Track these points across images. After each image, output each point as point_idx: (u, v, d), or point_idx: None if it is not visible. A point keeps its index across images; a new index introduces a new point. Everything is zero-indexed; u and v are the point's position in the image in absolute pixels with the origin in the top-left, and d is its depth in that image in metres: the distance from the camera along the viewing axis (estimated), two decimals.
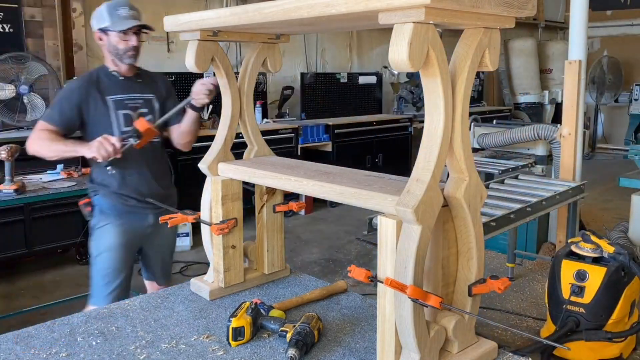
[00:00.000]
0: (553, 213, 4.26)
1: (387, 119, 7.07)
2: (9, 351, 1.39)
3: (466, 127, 1.18)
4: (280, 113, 6.52)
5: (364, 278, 1.17)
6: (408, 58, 1.00)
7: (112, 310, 1.62)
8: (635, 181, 3.73)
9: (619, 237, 3.65)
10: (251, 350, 1.39)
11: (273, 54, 1.72)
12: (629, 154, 4.33)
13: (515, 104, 9.42)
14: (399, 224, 1.13)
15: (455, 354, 1.25)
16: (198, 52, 1.55)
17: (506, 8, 1.10)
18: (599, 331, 2.61)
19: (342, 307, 1.64)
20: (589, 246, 2.71)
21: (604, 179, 7.23)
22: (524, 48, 9.28)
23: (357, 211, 4.75)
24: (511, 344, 2.93)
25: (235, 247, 1.69)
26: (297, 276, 1.87)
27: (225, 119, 1.69)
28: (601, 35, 9.94)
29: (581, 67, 4.02)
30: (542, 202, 3.01)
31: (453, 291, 1.27)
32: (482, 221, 2.56)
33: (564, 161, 4.13)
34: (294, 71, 6.86)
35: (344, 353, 1.37)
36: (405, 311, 1.12)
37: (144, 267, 2.72)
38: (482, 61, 1.16)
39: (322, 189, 1.34)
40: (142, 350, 1.39)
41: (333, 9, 1.09)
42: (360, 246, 4.81)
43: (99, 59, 5.25)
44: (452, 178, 1.20)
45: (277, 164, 1.60)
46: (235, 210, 1.67)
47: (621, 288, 2.63)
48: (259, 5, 1.27)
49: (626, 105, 9.44)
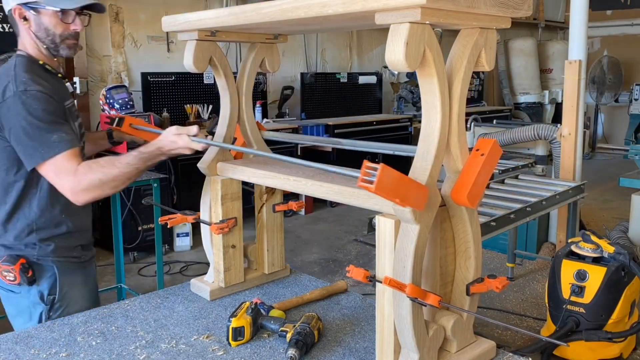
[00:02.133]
0: (553, 213, 4.26)
1: (387, 119, 7.06)
2: (9, 351, 1.39)
3: (463, 127, 1.18)
4: (280, 113, 6.52)
5: (363, 278, 1.17)
6: (404, 58, 1.01)
7: (112, 310, 1.63)
8: (635, 181, 3.73)
9: (619, 237, 3.65)
10: (251, 350, 1.39)
11: (271, 53, 1.72)
12: (629, 154, 4.33)
13: (515, 104, 9.42)
14: (397, 223, 1.14)
15: (454, 353, 1.26)
16: (196, 52, 1.56)
17: (502, 8, 1.11)
18: (599, 331, 2.61)
19: (342, 307, 1.64)
20: (589, 246, 2.71)
21: (604, 179, 7.23)
22: (524, 48, 9.28)
23: (357, 211, 4.76)
24: (511, 344, 2.93)
25: (235, 247, 1.69)
26: (297, 276, 1.87)
27: (224, 119, 1.69)
28: (601, 35, 9.95)
29: (581, 67, 4.02)
30: (542, 202, 3.01)
31: (451, 290, 1.28)
32: (482, 221, 2.59)
33: (564, 161, 4.13)
34: (294, 71, 6.86)
35: (344, 353, 1.37)
36: (404, 310, 1.12)
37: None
38: (478, 61, 1.17)
39: (321, 189, 1.34)
40: (142, 350, 1.39)
41: (330, 9, 1.10)
42: (360, 246, 4.81)
43: (99, 58, 5.27)
44: (449, 177, 1.21)
45: (277, 164, 1.60)
46: (234, 210, 1.67)
47: (621, 288, 2.63)
48: (257, 6, 1.27)
49: (626, 105, 9.44)
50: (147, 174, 3.62)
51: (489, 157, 1.13)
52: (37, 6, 1.65)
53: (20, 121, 1.55)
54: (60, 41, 1.70)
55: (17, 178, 1.65)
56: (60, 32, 1.69)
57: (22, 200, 1.67)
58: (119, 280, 3.61)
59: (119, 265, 3.61)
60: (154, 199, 3.42)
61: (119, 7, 5.28)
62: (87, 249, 1.83)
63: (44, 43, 1.70)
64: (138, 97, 5.31)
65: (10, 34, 1.77)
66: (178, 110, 5.57)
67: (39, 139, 1.55)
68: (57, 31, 1.68)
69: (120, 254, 3.61)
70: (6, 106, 1.56)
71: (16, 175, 1.65)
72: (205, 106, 5.67)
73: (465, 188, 1.13)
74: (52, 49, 1.71)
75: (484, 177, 1.15)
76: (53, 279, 1.71)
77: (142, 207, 4.44)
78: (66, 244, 1.74)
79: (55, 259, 1.71)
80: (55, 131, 1.57)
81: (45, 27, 1.68)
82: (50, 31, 1.68)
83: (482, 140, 1.15)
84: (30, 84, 1.59)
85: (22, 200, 1.67)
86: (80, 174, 1.55)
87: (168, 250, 4.79)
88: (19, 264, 1.65)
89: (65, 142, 1.57)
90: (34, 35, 1.69)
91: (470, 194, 1.13)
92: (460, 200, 1.15)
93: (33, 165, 1.58)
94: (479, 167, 1.12)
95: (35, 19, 1.67)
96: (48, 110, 1.58)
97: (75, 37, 1.73)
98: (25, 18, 1.68)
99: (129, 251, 4.49)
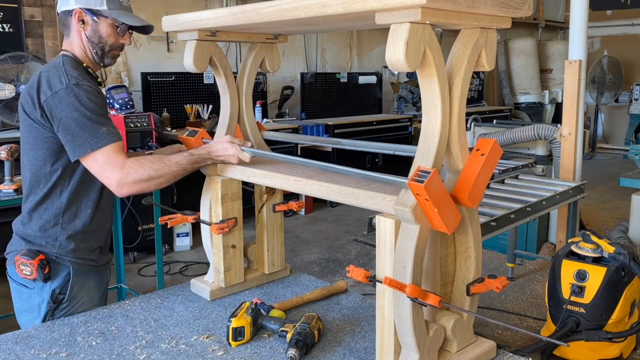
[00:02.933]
0: (553, 213, 4.26)
1: (387, 119, 7.06)
2: (9, 351, 1.39)
3: (463, 127, 1.18)
4: (280, 113, 6.53)
5: (363, 278, 1.17)
6: (405, 58, 1.01)
7: (112, 310, 1.63)
8: (635, 181, 3.73)
9: (619, 237, 3.65)
10: (251, 350, 1.39)
11: (271, 53, 1.72)
12: (629, 154, 4.32)
13: (515, 103, 9.42)
14: (398, 223, 1.13)
15: (454, 353, 1.26)
16: (196, 52, 1.56)
17: (502, 8, 1.11)
18: (599, 331, 2.61)
19: (342, 307, 1.64)
20: (589, 246, 2.71)
21: (604, 179, 7.23)
22: (524, 48, 9.28)
23: (357, 211, 4.75)
24: (511, 344, 2.93)
25: (235, 247, 1.69)
26: (297, 276, 1.87)
27: (224, 119, 1.69)
28: (601, 35, 9.94)
29: (581, 67, 4.02)
30: (542, 202, 3.01)
31: (451, 290, 1.28)
32: (482, 221, 2.59)
33: (564, 161, 4.13)
34: (294, 71, 6.87)
35: (344, 353, 1.37)
36: (405, 310, 1.12)
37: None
38: (478, 61, 1.17)
39: (321, 189, 1.34)
40: (142, 350, 1.39)
41: (330, 9, 1.10)
42: (360, 246, 4.81)
43: None
44: (449, 177, 1.20)
45: (276, 164, 1.60)
46: (234, 210, 1.67)
47: (621, 288, 2.63)
48: (257, 6, 1.27)
49: (626, 105, 9.44)
50: None
51: (489, 157, 1.13)
52: (100, 14, 1.72)
53: (72, 112, 1.60)
54: (108, 50, 1.77)
55: (54, 169, 1.69)
56: (112, 42, 1.76)
57: (53, 191, 1.71)
58: (119, 280, 3.61)
59: (119, 265, 3.61)
60: (154, 199, 3.41)
61: None
62: (104, 253, 1.85)
63: (94, 49, 1.76)
64: (138, 97, 5.31)
65: (11, 34, 1.77)
66: (178, 110, 5.57)
67: (89, 130, 1.60)
68: (110, 41, 1.75)
69: (120, 254, 3.61)
70: (58, 98, 1.61)
71: (53, 166, 1.69)
72: (205, 106, 5.67)
73: (466, 188, 1.13)
74: (99, 55, 1.77)
75: (485, 177, 1.15)
76: (67, 278, 1.72)
77: (142, 207, 4.43)
78: (86, 245, 1.75)
79: (73, 259, 1.72)
80: (104, 124, 1.63)
81: (100, 34, 1.74)
82: (104, 39, 1.75)
83: (482, 140, 1.15)
84: (80, 79, 1.65)
85: (53, 191, 1.71)
86: (129, 167, 1.59)
87: (168, 250, 4.79)
88: (37, 260, 1.66)
89: (114, 136, 1.62)
90: (86, 39, 1.75)
91: (470, 194, 1.13)
92: (460, 200, 1.15)
93: (81, 155, 1.61)
94: (480, 167, 1.12)
95: (93, 25, 1.74)
96: (98, 104, 1.65)
97: (120, 49, 1.81)
98: (84, 21, 1.74)
99: (129, 251, 4.49)
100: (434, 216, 1.08)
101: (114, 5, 1.74)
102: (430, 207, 1.07)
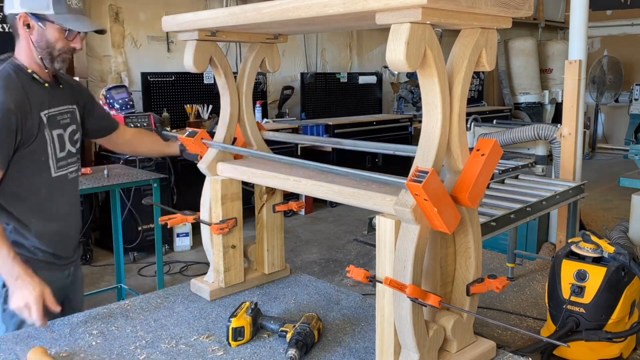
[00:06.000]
0: (553, 213, 4.26)
1: (387, 119, 7.07)
2: (9, 351, 1.39)
3: (463, 127, 1.18)
4: (280, 113, 6.53)
5: (363, 278, 1.17)
6: (405, 58, 1.01)
7: (112, 310, 1.63)
8: (635, 181, 3.73)
9: (619, 237, 3.65)
10: (251, 350, 1.39)
11: (271, 53, 1.72)
12: (629, 154, 4.33)
13: (515, 103, 9.42)
14: (398, 223, 1.13)
15: (454, 353, 1.26)
16: (196, 52, 1.56)
17: (503, 8, 1.11)
18: (599, 331, 2.61)
19: (342, 307, 1.64)
20: (589, 246, 2.71)
21: (604, 179, 7.23)
22: (524, 48, 9.28)
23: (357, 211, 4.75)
24: (511, 344, 2.93)
25: (235, 247, 1.69)
26: (297, 276, 1.87)
27: (224, 119, 1.69)
28: (601, 35, 9.95)
29: (581, 67, 4.02)
30: (542, 202, 3.01)
31: (451, 291, 1.28)
32: (482, 221, 2.59)
33: (564, 161, 4.13)
34: (294, 71, 6.87)
35: (344, 353, 1.37)
36: (405, 311, 1.12)
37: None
38: (479, 61, 1.17)
39: (321, 189, 1.34)
40: (142, 350, 1.39)
41: (330, 9, 1.10)
42: (360, 246, 4.81)
43: (99, 58, 5.27)
44: (449, 177, 1.20)
45: (276, 164, 1.60)
46: (234, 210, 1.67)
47: (621, 288, 2.63)
48: (257, 6, 1.27)
49: (626, 105, 9.44)
50: (147, 173, 3.62)
51: (490, 157, 1.13)
52: (46, 19, 1.66)
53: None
54: (57, 55, 1.71)
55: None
56: (60, 47, 1.71)
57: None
58: (119, 280, 3.62)
59: (119, 265, 3.61)
60: (154, 199, 3.41)
61: (119, 7, 5.28)
62: (58, 258, 1.85)
63: (40, 54, 1.71)
64: (138, 97, 5.31)
65: (10, 34, 1.77)
66: (178, 110, 5.58)
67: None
68: (58, 46, 1.70)
69: (120, 254, 3.61)
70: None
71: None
72: (205, 106, 5.67)
73: (466, 188, 1.13)
74: (47, 60, 1.72)
75: (485, 177, 1.15)
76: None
77: (142, 207, 4.43)
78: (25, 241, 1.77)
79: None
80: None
81: (47, 39, 1.69)
82: (51, 44, 1.69)
83: (482, 140, 1.15)
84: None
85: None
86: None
87: (168, 250, 4.79)
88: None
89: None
90: (32, 44, 1.70)
91: (471, 194, 1.13)
92: (461, 200, 1.15)
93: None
94: (480, 167, 1.12)
95: (39, 30, 1.68)
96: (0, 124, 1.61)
97: (71, 53, 1.75)
98: (29, 26, 1.68)
99: (129, 251, 4.49)
100: (434, 216, 1.08)
101: (61, 9, 1.66)
102: (430, 207, 1.07)
